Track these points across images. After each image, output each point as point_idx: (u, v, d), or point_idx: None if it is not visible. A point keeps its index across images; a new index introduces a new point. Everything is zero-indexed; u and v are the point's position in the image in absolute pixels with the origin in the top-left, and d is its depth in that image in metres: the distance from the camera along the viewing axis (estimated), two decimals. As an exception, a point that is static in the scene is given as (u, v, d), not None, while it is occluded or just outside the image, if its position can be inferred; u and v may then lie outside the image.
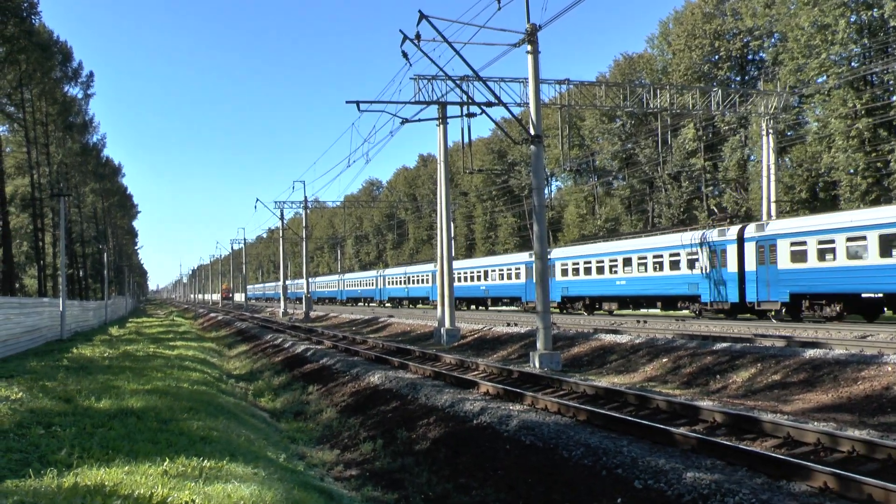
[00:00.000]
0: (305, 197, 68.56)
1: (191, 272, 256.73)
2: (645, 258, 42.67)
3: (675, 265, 40.36)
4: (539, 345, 23.31)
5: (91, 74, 77.02)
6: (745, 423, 12.80)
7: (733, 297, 36.43)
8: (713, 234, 37.97)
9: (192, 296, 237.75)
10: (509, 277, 58.17)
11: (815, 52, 51.36)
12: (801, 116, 55.99)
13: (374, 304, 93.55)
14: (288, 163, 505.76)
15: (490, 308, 65.62)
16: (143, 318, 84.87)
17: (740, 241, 36.05)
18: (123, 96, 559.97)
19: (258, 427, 16.05)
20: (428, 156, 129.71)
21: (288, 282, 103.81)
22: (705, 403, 14.94)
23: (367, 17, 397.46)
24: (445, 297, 34.22)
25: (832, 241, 30.84)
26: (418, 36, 25.05)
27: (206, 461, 9.71)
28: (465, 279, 65.36)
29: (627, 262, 44.15)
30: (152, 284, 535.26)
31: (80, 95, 76.85)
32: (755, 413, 13.71)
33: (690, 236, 39.64)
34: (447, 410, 15.60)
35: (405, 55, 26.52)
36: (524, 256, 54.45)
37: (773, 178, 43.64)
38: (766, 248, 34.28)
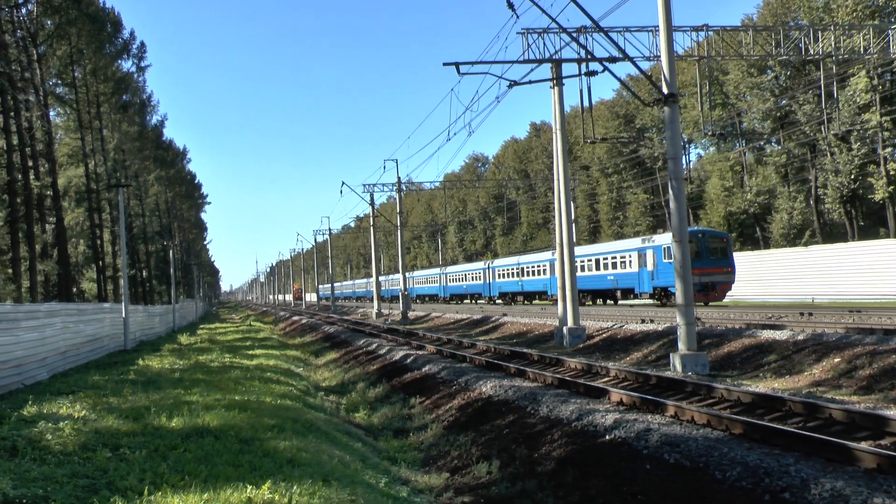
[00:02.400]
0: (399, 178, 68.74)
1: (269, 269, 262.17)
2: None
3: (473, 276, 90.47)
4: (681, 344, 23.00)
5: (143, 45, 79.17)
6: (941, 435, 12.38)
7: (486, 293, 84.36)
8: (484, 263, 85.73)
9: (270, 296, 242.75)
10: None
11: None
12: None
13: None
14: (377, 140, 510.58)
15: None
16: (217, 323, 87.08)
17: (488, 268, 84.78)
18: (182, 74, 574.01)
19: (353, 447, 16.29)
20: (541, 124, 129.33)
21: (381, 278, 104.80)
22: (893, 413, 14.49)
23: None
24: (567, 290, 34.04)
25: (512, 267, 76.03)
26: (526, -19, 24.95)
27: (295, 487, 9.90)
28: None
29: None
30: (225, 285, 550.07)
31: (133, 69, 79.12)
32: (954, 422, 13.23)
33: (476, 265, 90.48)
34: (574, 424, 15.54)
35: (511, 6, 26.47)
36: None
37: (968, 134, 41.96)
38: (494, 271, 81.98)
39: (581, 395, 18.72)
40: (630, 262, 56.32)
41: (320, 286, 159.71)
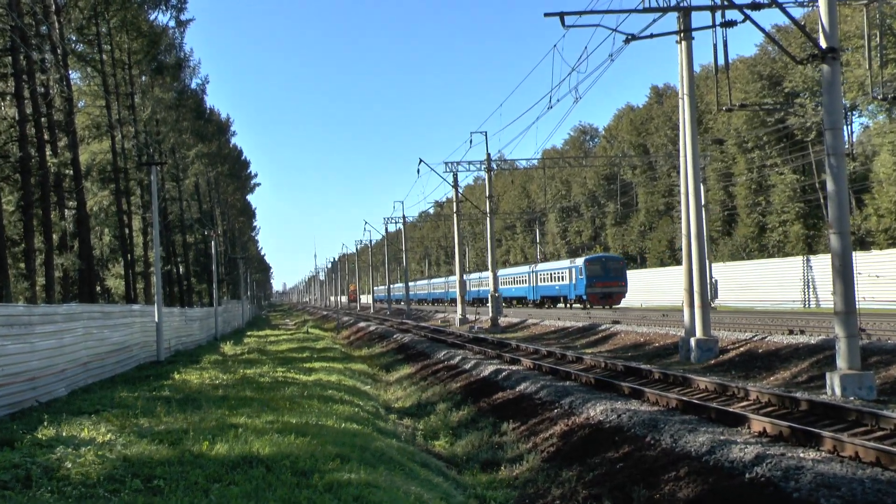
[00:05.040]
0: (488, 154, 68.38)
1: (330, 265, 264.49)
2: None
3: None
4: (839, 362, 22.62)
5: (184, -9, 79.37)
6: None
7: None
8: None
9: (331, 297, 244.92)
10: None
11: None
12: None
13: None
14: (462, 110, 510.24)
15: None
16: (267, 329, 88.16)
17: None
18: (222, 32, 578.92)
19: (432, 481, 16.35)
20: (664, 88, 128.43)
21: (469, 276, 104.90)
22: None
23: None
24: (695, 293, 33.72)
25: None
26: None
27: (363, 529, 9.95)
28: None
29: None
30: (277, 283, 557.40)
31: (171, 24, 79.59)
32: None
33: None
34: (704, 459, 15.41)
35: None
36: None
37: None
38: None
39: (713, 423, 18.56)
40: (564, 276, 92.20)
41: (378, 287, 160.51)
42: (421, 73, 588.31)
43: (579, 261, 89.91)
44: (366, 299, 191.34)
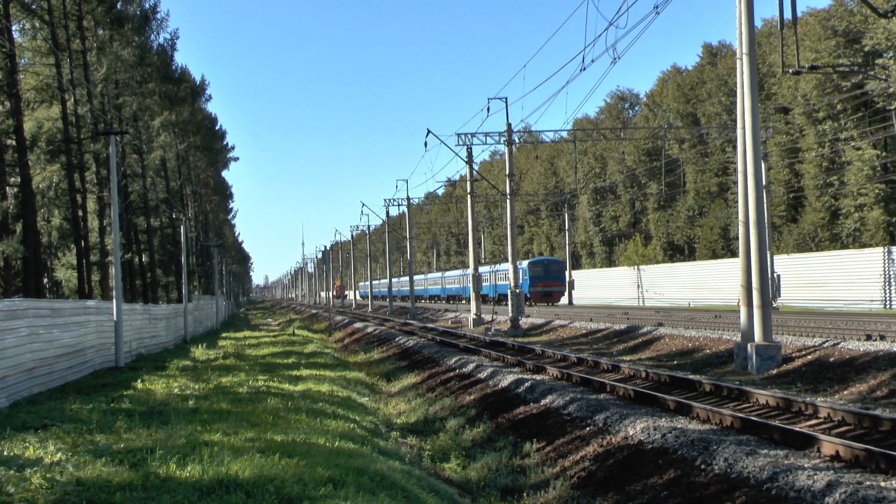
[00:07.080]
0: (509, 124, 68.02)
1: (320, 254, 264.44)
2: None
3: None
4: (927, 372, 22.60)
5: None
6: None
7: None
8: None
9: (322, 293, 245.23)
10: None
11: None
12: None
13: None
14: (478, 72, 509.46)
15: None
16: (246, 330, 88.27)
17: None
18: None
19: (442, 512, 16.38)
20: (718, 47, 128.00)
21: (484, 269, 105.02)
22: None
23: None
24: (754, 291, 33.64)
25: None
26: None
27: (360, 567, 9.98)
28: None
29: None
30: (258, 276, 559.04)
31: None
32: None
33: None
34: (765, 486, 15.43)
35: None
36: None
37: None
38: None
39: (776, 445, 18.57)
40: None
41: (378, 280, 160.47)
42: (428, 32, 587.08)
43: (524, 263, 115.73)
44: (358, 295, 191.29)
